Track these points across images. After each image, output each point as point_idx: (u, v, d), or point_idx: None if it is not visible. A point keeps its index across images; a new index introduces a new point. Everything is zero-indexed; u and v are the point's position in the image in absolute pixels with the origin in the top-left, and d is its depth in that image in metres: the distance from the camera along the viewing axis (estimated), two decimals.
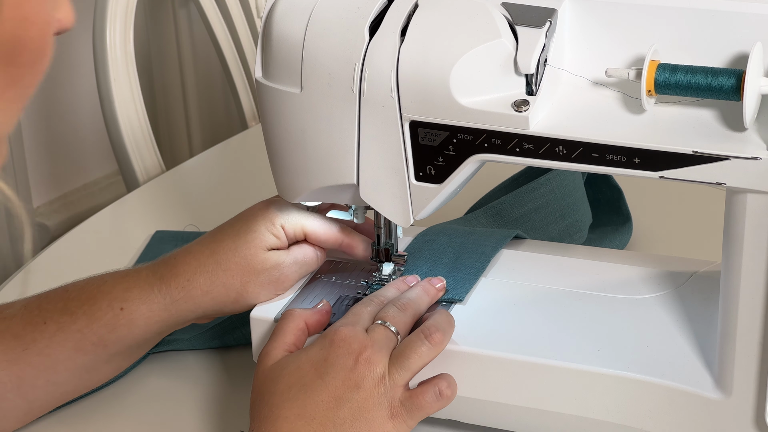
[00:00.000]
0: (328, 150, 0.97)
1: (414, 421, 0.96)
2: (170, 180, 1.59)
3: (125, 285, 1.02)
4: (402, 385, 0.95)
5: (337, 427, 0.92)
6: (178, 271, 1.02)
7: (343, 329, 0.96)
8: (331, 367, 0.94)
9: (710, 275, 1.05)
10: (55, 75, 2.69)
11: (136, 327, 1.02)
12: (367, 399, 0.94)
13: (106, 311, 1.01)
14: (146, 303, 1.01)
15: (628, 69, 0.90)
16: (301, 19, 0.95)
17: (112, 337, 1.01)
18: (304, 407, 0.93)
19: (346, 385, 0.94)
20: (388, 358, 0.96)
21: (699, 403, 0.94)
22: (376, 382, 0.94)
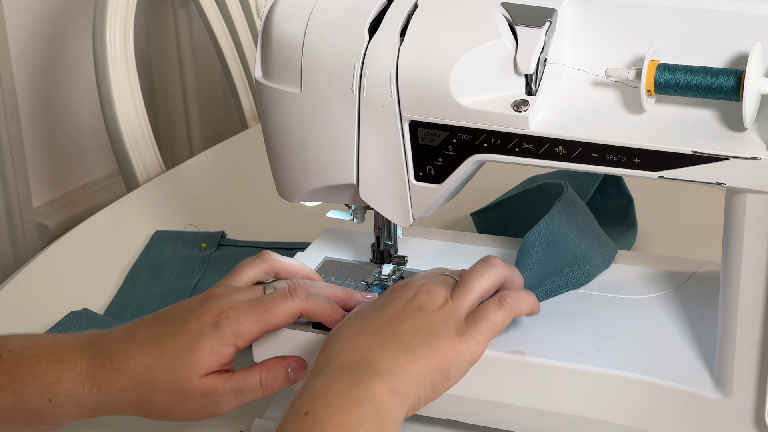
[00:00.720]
0: (328, 150, 0.97)
1: (483, 337, 0.93)
2: (170, 180, 1.59)
3: (57, 375, 0.96)
4: (465, 308, 0.94)
5: (397, 337, 0.90)
6: (111, 379, 0.95)
7: (404, 281, 0.97)
8: (392, 301, 0.94)
9: (710, 275, 1.05)
10: (55, 75, 2.69)
11: (63, 416, 0.97)
12: (430, 318, 0.92)
13: (35, 398, 0.95)
14: (75, 401, 0.96)
15: (628, 69, 0.90)
16: (300, 19, 0.95)
17: (41, 420, 0.97)
18: (362, 327, 0.91)
19: (406, 308, 0.93)
20: (448, 292, 0.95)
21: (699, 403, 0.94)
22: (439, 306, 0.93)
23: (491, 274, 0.96)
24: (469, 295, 0.94)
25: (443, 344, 0.91)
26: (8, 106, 2.49)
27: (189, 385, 0.94)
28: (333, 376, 0.88)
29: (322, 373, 0.89)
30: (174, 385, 0.95)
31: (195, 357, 0.94)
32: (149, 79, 2.84)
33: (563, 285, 1.04)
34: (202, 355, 0.94)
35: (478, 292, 0.95)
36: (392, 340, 0.90)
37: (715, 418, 0.94)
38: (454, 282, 0.96)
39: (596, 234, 1.08)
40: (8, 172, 2.51)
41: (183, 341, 0.95)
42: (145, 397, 0.95)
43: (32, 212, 2.63)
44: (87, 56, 2.17)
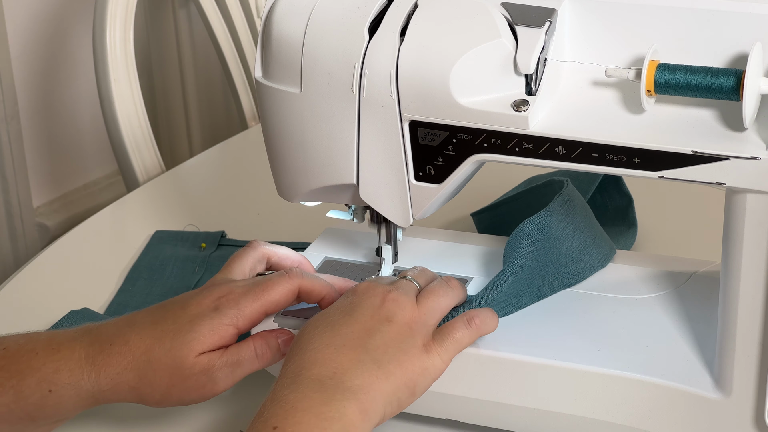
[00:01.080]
0: (327, 150, 0.97)
1: (448, 355, 0.94)
2: (170, 180, 1.59)
3: (56, 365, 0.96)
4: (431, 325, 0.95)
5: (369, 352, 0.91)
6: (111, 362, 0.96)
7: (362, 285, 0.97)
8: (358, 306, 0.94)
9: (710, 275, 1.05)
10: (55, 75, 2.69)
11: (63, 407, 0.97)
12: (399, 332, 0.93)
13: (35, 390, 0.96)
14: (75, 389, 0.96)
15: (628, 69, 0.90)
16: (300, 19, 0.95)
17: (40, 414, 0.97)
18: (333, 337, 0.91)
19: (375, 318, 0.93)
20: (414, 301, 0.95)
21: (699, 403, 0.94)
22: (406, 319, 0.93)
23: (454, 294, 0.98)
24: (436, 310, 0.96)
25: (412, 361, 0.92)
26: (8, 106, 2.49)
27: (186, 363, 0.95)
28: (304, 390, 0.88)
29: (294, 385, 0.89)
30: (172, 364, 0.95)
31: (194, 336, 0.95)
32: (149, 79, 2.84)
33: (558, 285, 1.04)
34: (201, 333, 0.95)
35: (443, 310, 0.97)
36: (364, 355, 0.90)
37: (715, 418, 0.94)
38: (417, 289, 0.97)
39: (593, 233, 1.08)
40: (8, 172, 2.51)
41: (183, 323, 0.96)
42: (144, 378, 0.96)
43: (32, 212, 2.63)
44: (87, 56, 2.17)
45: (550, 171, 1.28)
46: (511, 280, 1.01)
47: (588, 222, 1.08)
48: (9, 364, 0.97)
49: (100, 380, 0.96)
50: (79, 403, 0.97)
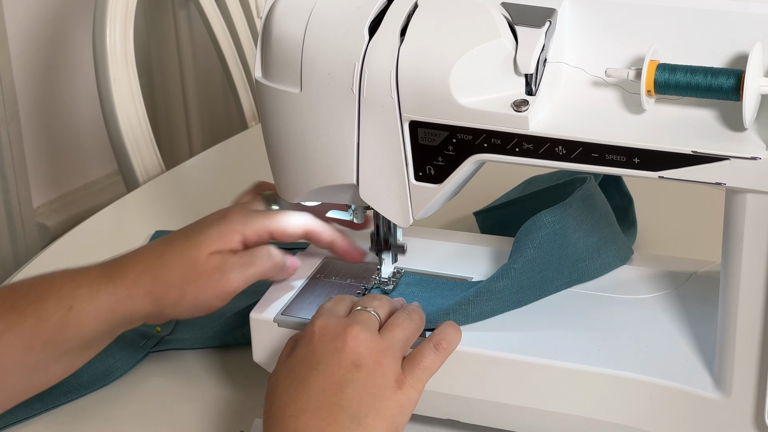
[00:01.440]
0: (328, 150, 0.97)
1: (421, 384, 0.93)
2: (170, 180, 1.59)
3: (74, 283, 1.00)
4: (399, 357, 0.94)
5: (345, 410, 0.90)
6: (125, 271, 1.00)
7: (320, 320, 0.95)
8: (321, 355, 0.92)
9: (710, 275, 1.05)
10: (55, 75, 2.69)
11: (85, 326, 1.00)
12: (369, 374, 0.91)
13: (55, 310, 0.99)
14: (94, 302, 0.99)
15: (628, 69, 0.90)
16: (300, 19, 0.95)
17: (62, 336, 0.99)
18: (306, 400, 0.90)
19: (343, 366, 0.91)
20: (377, 336, 0.93)
21: (699, 403, 0.94)
22: (374, 357, 0.92)
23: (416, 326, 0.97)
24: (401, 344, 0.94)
25: (388, 404, 0.91)
26: (8, 106, 2.49)
27: (199, 260, 1.00)
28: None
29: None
30: (185, 261, 1.00)
31: (204, 237, 1.01)
32: (149, 79, 2.84)
33: (573, 279, 1.04)
34: (210, 235, 1.01)
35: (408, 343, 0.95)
36: (340, 414, 0.90)
37: (715, 418, 0.94)
38: (378, 321, 0.96)
39: (613, 230, 1.08)
40: (8, 172, 2.51)
41: (193, 229, 1.03)
42: (159, 279, 1.00)
43: (32, 212, 2.63)
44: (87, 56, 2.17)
45: (550, 171, 1.28)
46: (523, 270, 1.01)
47: (608, 219, 1.08)
48: (28, 292, 1.00)
49: (117, 289, 1.00)
50: (99, 318, 1.00)
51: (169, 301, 1.00)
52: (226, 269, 1.00)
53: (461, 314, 1.00)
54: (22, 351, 0.99)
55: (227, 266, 1.00)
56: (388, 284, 1.06)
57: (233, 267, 1.00)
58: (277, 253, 1.03)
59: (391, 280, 1.07)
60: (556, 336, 1.00)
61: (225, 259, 1.01)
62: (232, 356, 1.16)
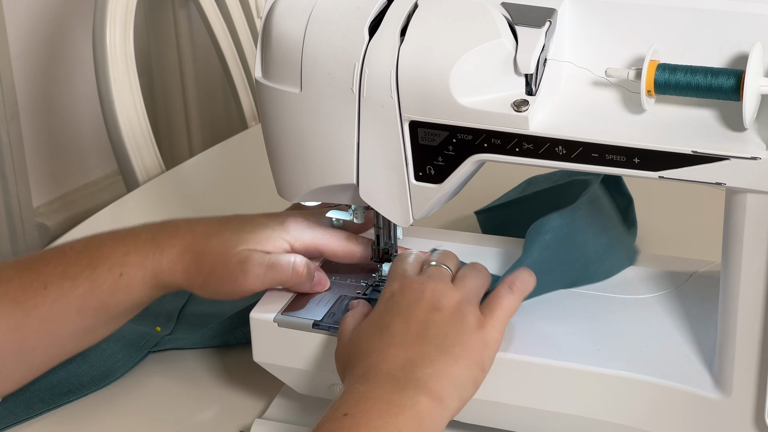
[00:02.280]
0: (327, 150, 0.97)
1: (501, 324, 0.94)
2: (170, 180, 1.59)
3: (124, 249, 1.02)
4: (476, 303, 0.95)
5: (431, 341, 0.91)
6: (174, 243, 1.03)
7: (396, 280, 0.97)
8: (402, 306, 0.94)
9: (710, 275, 1.05)
10: (55, 75, 2.69)
11: (134, 291, 1.02)
12: (451, 316, 0.93)
13: (107, 277, 1.01)
14: (141, 269, 1.02)
15: (628, 69, 0.90)
16: (300, 19, 0.95)
17: (113, 301, 1.02)
18: (391, 336, 0.92)
19: (424, 310, 0.93)
20: (452, 286, 0.96)
21: (699, 403, 0.94)
22: (452, 303, 0.94)
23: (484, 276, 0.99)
24: (475, 291, 0.96)
25: (472, 339, 0.93)
26: (8, 106, 2.49)
27: (231, 252, 1.01)
28: (375, 382, 0.89)
29: (364, 379, 0.90)
30: (222, 249, 1.02)
31: (252, 237, 1.02)
32: (149, 79, 2.84)
33: (582, 280, 1.04)
34: (259, 236, 1.02)
35: (481, 290, 0.97)
36: (427, 345, 0.91)
37: (715, 418, 0.94)
38: (449, 274, 0.98)
39: (619, 231, 1.08)
40: (8, 172, 2.51)
41: (248, 225, 1.04)
42: (196, 261, 1.02)
43: (32, 212, 2.63)
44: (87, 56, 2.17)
45: (550, 171, 1.28)
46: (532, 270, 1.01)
47: (615, 221, 1.08)
48: (80, 259, 1.02)
49: (162, 259, 1.02)
50: (145, 284, 1.02)
51: (197, 283, 1.03)
52: (247, 266, 1.01)
53: None
54: (74, 315, 1.02)
55: (249, 263, 1.01)
56: None
57: (254, 266, 1.01)
58: (303, 265, 1.03)
59: None
60: (556, 336, 1.00)
61: (251, 255, 1.01)
62: (232, 356, 1.16)
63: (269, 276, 1.02)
